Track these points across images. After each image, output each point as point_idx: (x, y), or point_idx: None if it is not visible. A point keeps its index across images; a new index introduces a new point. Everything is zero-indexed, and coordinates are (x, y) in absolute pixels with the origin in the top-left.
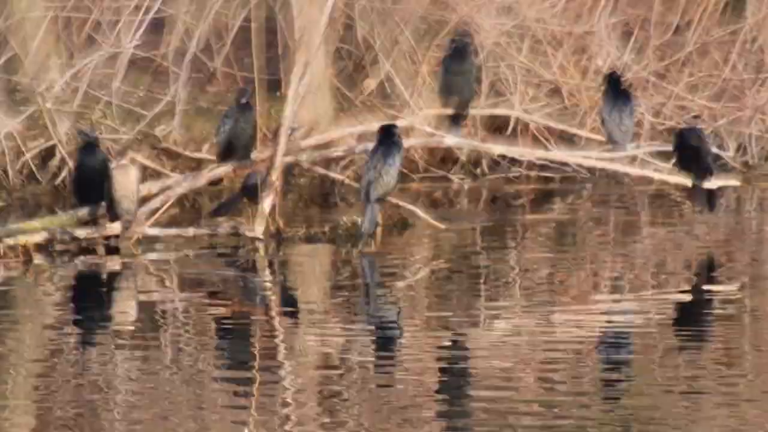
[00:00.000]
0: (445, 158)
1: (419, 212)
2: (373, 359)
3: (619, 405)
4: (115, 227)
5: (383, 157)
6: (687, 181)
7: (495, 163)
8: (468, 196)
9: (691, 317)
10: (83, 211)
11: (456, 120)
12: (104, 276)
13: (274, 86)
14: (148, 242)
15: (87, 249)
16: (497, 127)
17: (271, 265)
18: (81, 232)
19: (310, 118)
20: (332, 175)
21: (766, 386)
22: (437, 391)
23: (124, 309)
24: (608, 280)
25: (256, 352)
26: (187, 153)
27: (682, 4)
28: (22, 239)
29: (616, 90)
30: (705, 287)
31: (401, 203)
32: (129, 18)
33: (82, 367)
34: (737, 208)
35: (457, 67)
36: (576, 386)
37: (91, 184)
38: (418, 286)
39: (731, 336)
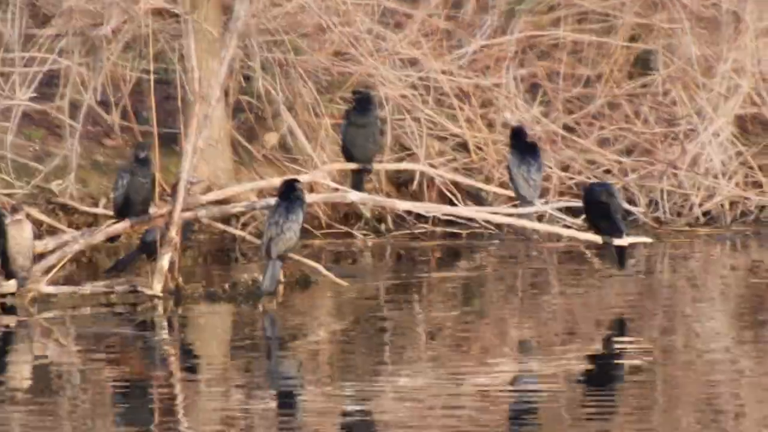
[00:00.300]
0: (349, 214)
1: (322, 269)
2: (274, 419)
3: None
4: (10, 285)
5: (285, 212)
6: (597, 237)
7: (400, 219)
8: (372, 253)
9: (598, 379)
10: None
11: (360, 175)
12: None
13: (173, 140)
14: (44, 300)
15: None
16: (403, 182)
17: (170, 323)
18: None
19: (209, 173)
20: (232, 231)
21: None
22: None
23: (19, 370)
24: (514, 339)
25: (155, 414)
26: (84, 208)
27: (592, 56)
28: None
29: (524, 144)
30: (614, 348)
31: (303, 260)
32: (22, 70)
33: None
34: (648, 266)
35: (360, 119)
36: None
37: None
38: (321, 344)
39: (640, 399)
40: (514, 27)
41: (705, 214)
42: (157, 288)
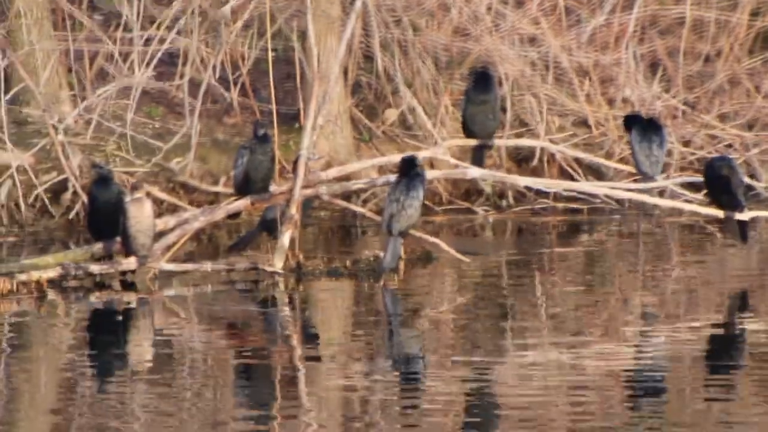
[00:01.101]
0: (470, 190)
1: (443, 245)
2: (396, 397)
3: None
4: (130, 262)
5: (406, 189)
6: (718, 212)
7: (521, 195)
8: (493, 229)
9: (723, 352)
10: (98, 246)
11: (480, 151)
12: (120, 312)
13: (293, 118)
14: (165, 278)
15: (102, 285)
16: (523, 158)
17: (291, 300)
18: (96, 268)
19: (329, 150)
20: (353, 207)
21: None
22: (463, 429)
23: (142, 346)
24: (638, 314)
25: (277, 391)
26: (204, 186)
27: (712, 33)
28: (35, 275)
29: (645, 122)
30: (737, 321)
31: (424, 236)
32: (142, 49)
33: (98, 406)
34: None
35: (481, 97)
36: (606, 420)
37: (105, 219)
38: (443, 321)
39: (765, 371)
40: (635, 3)
41: None
42: (278, 265)
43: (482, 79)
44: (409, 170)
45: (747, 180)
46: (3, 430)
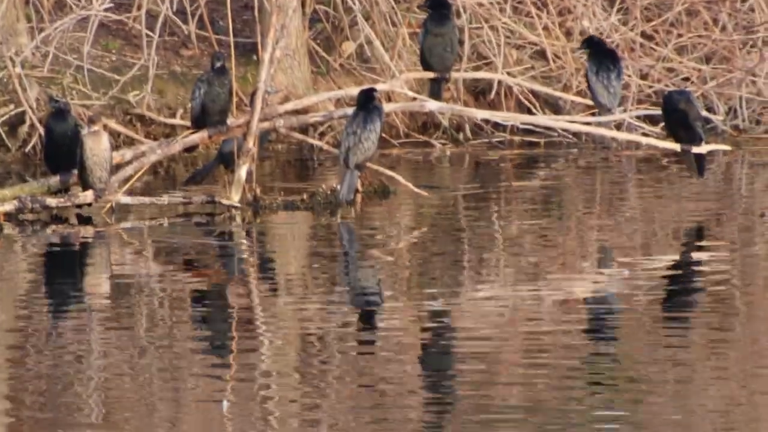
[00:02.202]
0: (427, 123)
1: (400, 179)
2: (353, 330)
3: (607, 377)
4: (87, 195)
5: (363, 122)
6: (675, 145)
7: (478, 128)
8: (450, 163)
9: (679, 286)
10: (54, 180)
11: (438, 84)
12: (77, 246)
13: (250, 50)
14: (122, 211)
15: (59, 218)
16: (480, 91)
17: (248, 233)
18: (52, 201)
19: (287, 83)
20: (310, 141)
21: (756, 359)
22: (419, 363)
23: (98, 280)
24: (594, 248)
25: (233, 326)
26: (161, 119)
27: None
28: None
29: (602, 52)
30: (693, 255)
31: (381, 170)
32: None
33: (55, 340)
34: (727, 174)
35: (438, 29)
36: (563, 357)
37: (62, 152)
38: (399, 254)
39: (720, 306)
40: None
41: None
42: (235, 198)
43: (439, 11)
44: (366, 103)
45: (705, 113)
46: None
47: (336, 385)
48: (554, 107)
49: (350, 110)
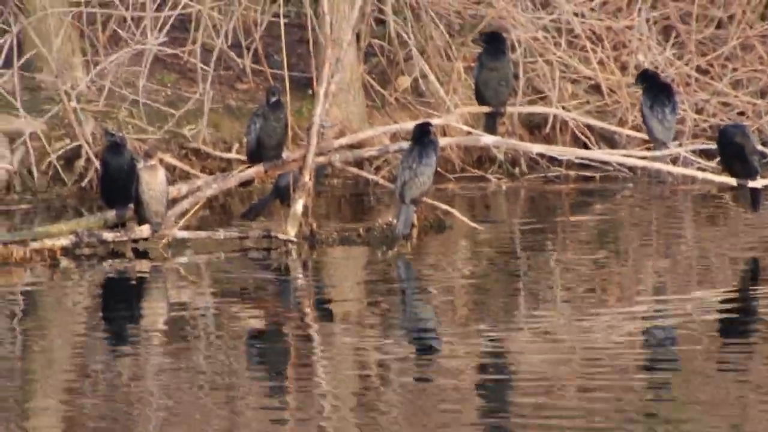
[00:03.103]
0: (482, 158)
1: (456, 213)
2: (410, 365)
3: (661, 417)
4: (143, 230)
5: (418, 156)
6: (731, 180)
7: (534, 162)
8: (506, 197)
9: (735, 321)
10: (111, 214)
11: (493, 118)
12: (133, 280)
13: (305, 84)
14: (178, 245)
15: (115, 252)
16: (536, 125)
17: (304, 268)
18: (109, 235)
19: (342, 117)
20: (366, 175)
21: None
22: (477, 396)
23: (155, 314)
24: (651, 282)
25: (290, 357)
26: (217, 153)
27: None
28: (48, 242)
29: (657, 86)
30: (750, 290)
31: (437, 204)
32: (154, 14)
33: (113, 374)
34: None
35: (493, 63)
36: (618, 391)
37: (118, 186)
38: (456, 289)
39: None
40: None
41: None
42: (292, 233)
43: (494, 45)
44: (421, 137)
45: (760, 147)
46: (18, 400)
47: (393, 419)
48: (610, 141)
49: (406, 144)
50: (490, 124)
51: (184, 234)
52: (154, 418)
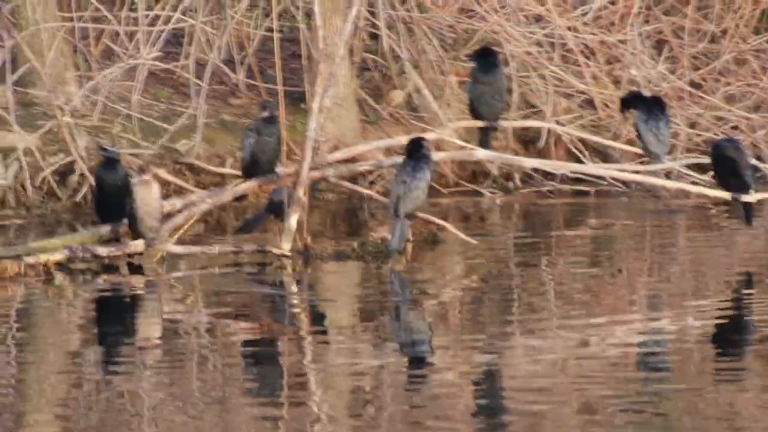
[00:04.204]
0: (476, 172)
1: (450, 227)
2: (404, 378)
3: (656, 429)
4: (138, 245)
5: (412, 171)
6: (725, 194)
7: (528, 176)
8: (500, 211)
9: (729, 334)
10: (105, 229)
11: (487, 133)
12: (127, 295)
13: (299, 98)
14: (172, 260)
15: (109, 267)
16: (530, 139)
17: (299, 282)
18: (103, 250)
19: (336, 132)
20: (360, 190)
21: None
22: (471, 409)
23: (149, 329)
24: (645, 296)
25: (284, 372)
26: (211, 168)
27: (717, 11)
28: (42, 257)
29: (650, 101)
30: (743, 303)
31: (431, 218)
32: (147, 29)
33: (106, 390)
34: None
35: (487, 77)
36: (613, 403)
37: (112, 201)
38: (450, 304)
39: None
40: None
41: None
42: (286, 248)
43: (487, 59)
44: (415, 152)
45: (754, 162)
46: (11, 416)
47: None
48: (604, 156)
49: (399, 159)
50: (484, 138)
51: (178, 249)
52: None
